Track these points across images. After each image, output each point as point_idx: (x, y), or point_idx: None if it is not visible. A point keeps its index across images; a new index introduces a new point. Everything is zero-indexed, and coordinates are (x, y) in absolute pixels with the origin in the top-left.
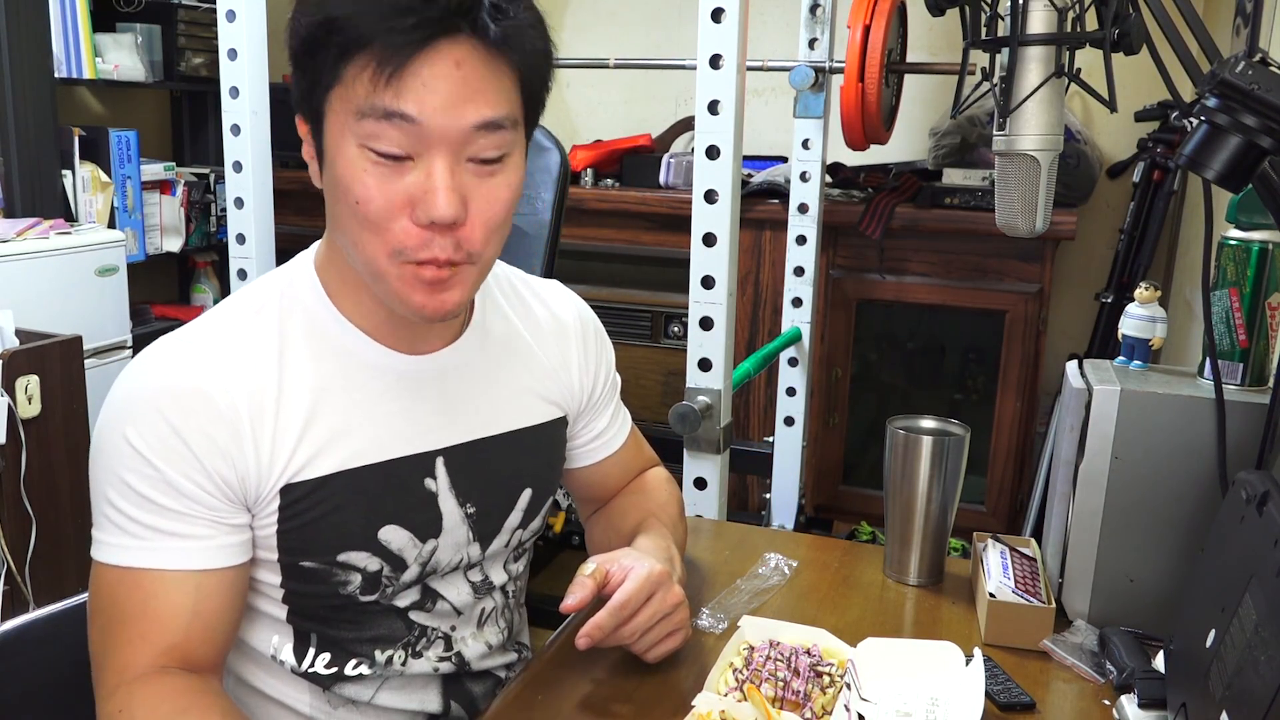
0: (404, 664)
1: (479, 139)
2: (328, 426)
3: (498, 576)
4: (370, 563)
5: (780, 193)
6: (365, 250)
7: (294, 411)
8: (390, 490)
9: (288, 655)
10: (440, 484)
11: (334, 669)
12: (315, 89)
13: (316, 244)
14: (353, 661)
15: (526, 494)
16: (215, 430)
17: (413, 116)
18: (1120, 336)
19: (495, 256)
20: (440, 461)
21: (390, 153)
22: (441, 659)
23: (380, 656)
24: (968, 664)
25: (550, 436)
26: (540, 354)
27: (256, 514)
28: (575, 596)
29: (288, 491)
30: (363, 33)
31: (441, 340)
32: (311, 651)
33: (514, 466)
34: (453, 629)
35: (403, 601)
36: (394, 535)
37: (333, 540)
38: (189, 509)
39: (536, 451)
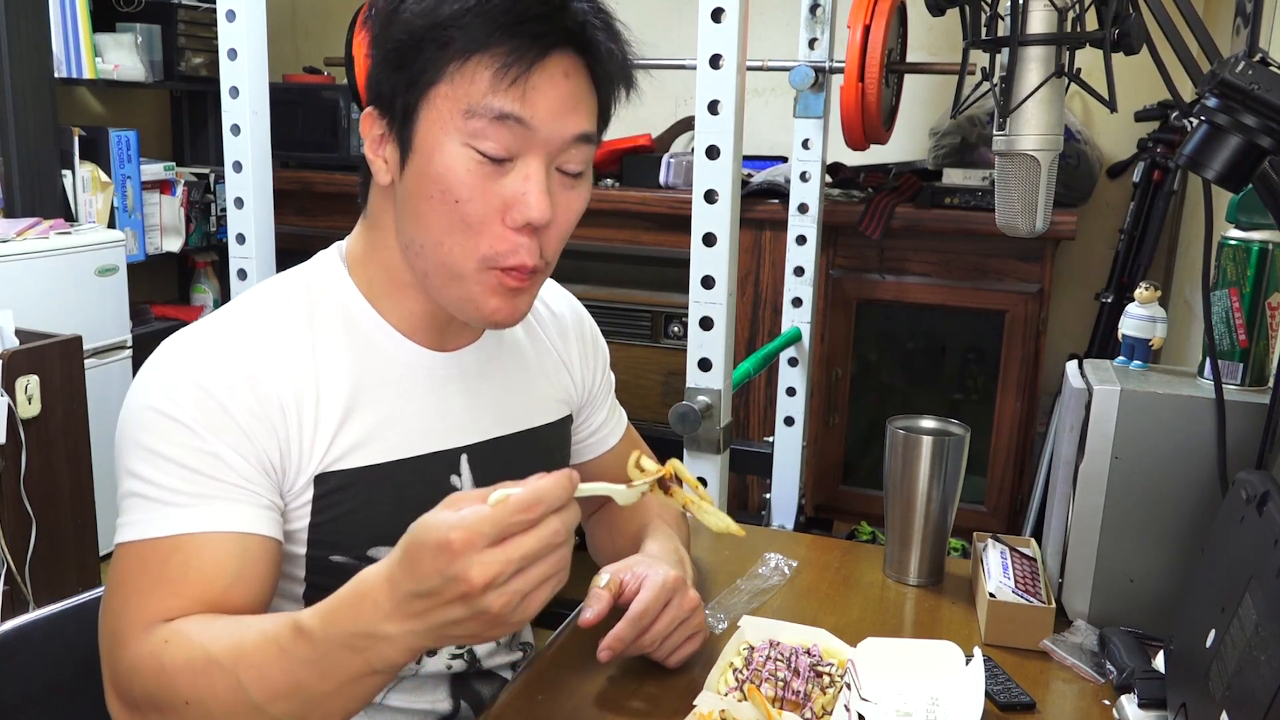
0: (419, 662)
1: (571, 150)
2: (365, 419)
3: None
4: None
5: (780, 193)
6: (451, 253)
7: (334, 402)
8: (420, 485)
9: None
10: (464, 481)
11: None
12: (414, 86)
13: (341, 244)
14: None
15: None
16: (261, 409)
17: (526, 120)
18: (1120, 336)
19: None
20: (465, 459)
21: (494, 155)
22: (454, 657)
23: None
24: (968, 664)
25: (559, 435)
26: (548, 351)
27: (289, 504)
28: (593, 610)
29: (322, 481)
30: (488, 36)
31: (465, 339)
32: None
33: (529, 465)
34: None
35: None
36: None
37: (364, 534)
38: (232, 479)
39: (548, 450)
